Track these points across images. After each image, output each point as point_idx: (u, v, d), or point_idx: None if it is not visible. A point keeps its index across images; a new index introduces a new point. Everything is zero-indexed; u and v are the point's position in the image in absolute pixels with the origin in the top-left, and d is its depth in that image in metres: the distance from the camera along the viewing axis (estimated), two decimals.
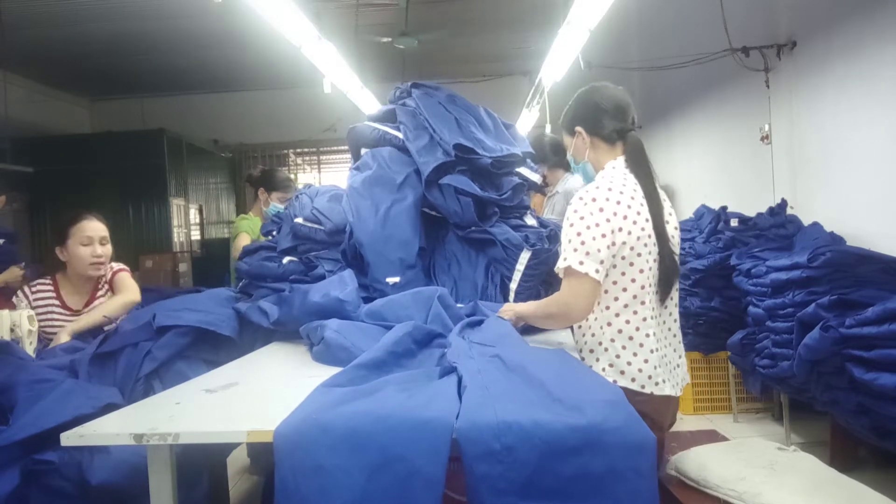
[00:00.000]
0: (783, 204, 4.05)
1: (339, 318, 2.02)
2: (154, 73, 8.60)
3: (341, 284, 2.20)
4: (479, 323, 1.95)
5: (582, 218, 1.77)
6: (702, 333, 4.17)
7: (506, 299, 2.37)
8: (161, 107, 9.51)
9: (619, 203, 1.79)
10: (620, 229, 1.77)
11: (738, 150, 4.95)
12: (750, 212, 4.22)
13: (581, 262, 1.74)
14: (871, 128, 3.40)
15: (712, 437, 2.97)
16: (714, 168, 5.51)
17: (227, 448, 2.24)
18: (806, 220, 3.86)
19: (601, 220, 1.76)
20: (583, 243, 1.74)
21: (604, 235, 1.75)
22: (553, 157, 3.87)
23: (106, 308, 2.55)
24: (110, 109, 9.74)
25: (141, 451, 1.37)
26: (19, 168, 7.07)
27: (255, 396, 1.56)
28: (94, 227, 2.63)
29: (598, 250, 1.74)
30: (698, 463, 2.18)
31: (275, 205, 3.93)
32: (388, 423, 1.20)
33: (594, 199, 1.78)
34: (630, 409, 1.21)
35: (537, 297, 2.39)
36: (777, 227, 3.94)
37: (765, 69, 4.29)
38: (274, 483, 1.20)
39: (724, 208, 4.34)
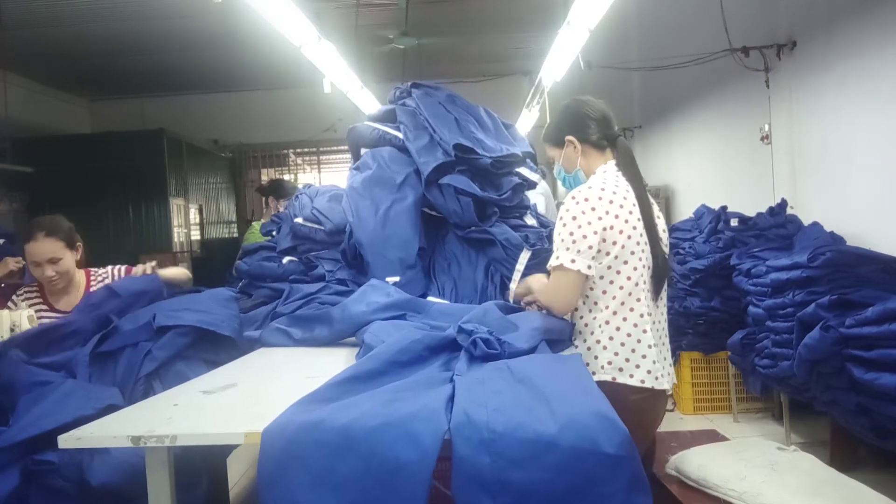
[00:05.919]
0: (783, 204, 4.05)
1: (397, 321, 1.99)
2: (154, 73, 8.60)
3: (380, 291, 2.16)
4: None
5: (574, 217, 1.83)
6: (702, 333, 4.16)
7: (505, 300, 2.36)
8: (161, 107, 9.51)
9: (611, 202, 1.84)
10: (612, 227, 1.82)
11: (738, 150, 4.95)
12: (750, 212, 4.22)
13: (573, 260, 1.81)
14: (871, 128, 3.40)
15: (712, 437, 2.96)
16: (714, 168, 5.51)
17: (227, 449, 2.24)
18: (806, 220, 3.85)
19: (593, 218, 1.82)
20: (574, 242, 1.81)
21: (595, 233, 1.81)
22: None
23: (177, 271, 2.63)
24: (110, 109, 9.74)
25: (141, 452, 1.37)
26: (19, 168, 7.07)
27: (253, 398, 1.56)
28: (40, 251, 2.47)
29: (590, 247, 1.81)
30: (698, 463, 2.18)
31: None
32: (382, 419, 1.21)
33: (586, 199, 1.84)
34: (621, 427, 1.21)
35: None
36: (777, 227, 3.94)
37: (765, 69, 4.29)
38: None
39: (724, 208, 4.33)
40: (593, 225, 1.81)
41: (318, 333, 2.11)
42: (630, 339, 1.84)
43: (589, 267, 1.81)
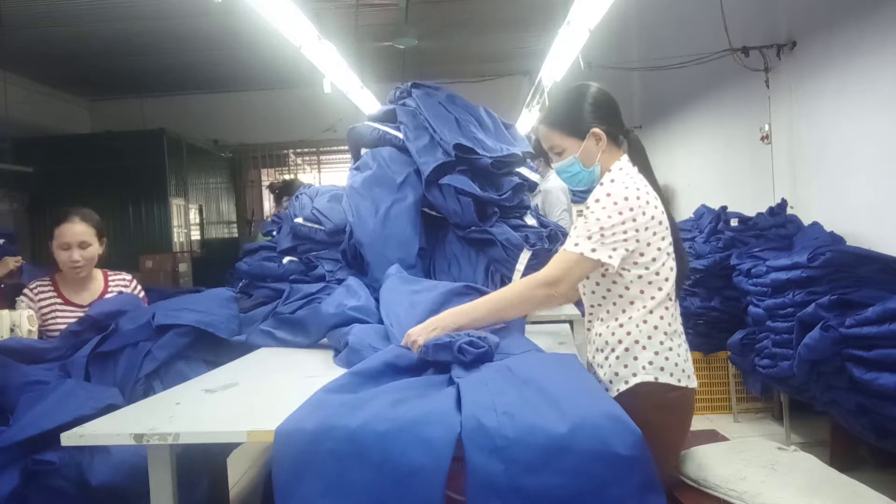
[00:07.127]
0: (783, 204, 4.05)
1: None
2: (154, 73, 8.60)
3: (352, 294, 2.18)
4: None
5: (607, 212, 1.71)
6: (702, 333, 4.17)
7: None
8: (161, 107, 9.51)
9: (647, 203, 1.75)
10: (647, 228, 1.74)
11: (738, 150, 4.95)
12: (750, 212, 4.22)
13: (594, 250, 1.69)
14: (871, 128, 3.40)
15: (712, 437, 2.96)
16: (714, 168, 5.51)
17: (228, 448, 2.24)
18: (806, 220, 3.85)
19: (627, 218, 1.71)
20: (602, 235, 1.70)
21: (625, 232, 1.71)
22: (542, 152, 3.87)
23: None
24: (110, 109, 9.74)
25: (141, 452, 1.38)
26: (19, 168, 7.07)
27: (255, 396, 1.56)
28: (74, 232, 2.55)
29: (616, 242, 1.70)
30: (698, 463, 2.17)
31: None
32: (393, 424, 1.20)
33: (626, 199, 1.73)
34: (634, 428, 1.20)
35: None
36: (777, 227, 3.94)
37: (765, 69, 4.29)
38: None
39: (724, 208, 4.34)
40: (626, 224, 1.70)
41: (298, 336, 2.13)
42: (667, 338, 1.79)
43: (610, 257, 1.69)
